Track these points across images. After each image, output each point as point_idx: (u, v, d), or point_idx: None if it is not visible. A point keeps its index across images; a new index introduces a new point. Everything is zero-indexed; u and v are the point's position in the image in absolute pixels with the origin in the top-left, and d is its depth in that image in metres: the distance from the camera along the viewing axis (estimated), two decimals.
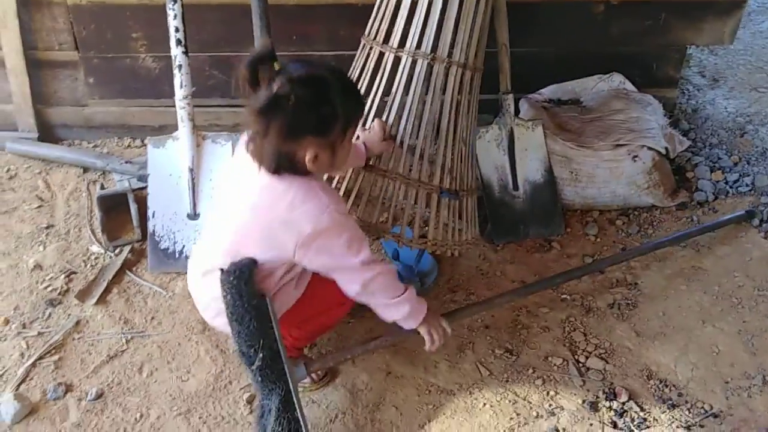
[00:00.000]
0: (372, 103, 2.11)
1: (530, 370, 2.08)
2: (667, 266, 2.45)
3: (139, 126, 3.00)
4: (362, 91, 2.09)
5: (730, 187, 2.79)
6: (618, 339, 2.18)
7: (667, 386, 2.05)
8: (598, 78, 2.94)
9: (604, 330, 2.22)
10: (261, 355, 1.67)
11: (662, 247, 2.45)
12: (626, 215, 2.68)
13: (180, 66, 2.35)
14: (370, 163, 2.05)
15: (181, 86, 2.36)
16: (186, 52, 2.35)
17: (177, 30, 2.33)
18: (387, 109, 2.09)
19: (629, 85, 2.92)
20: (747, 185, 2.78)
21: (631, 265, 2.45)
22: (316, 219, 1.59)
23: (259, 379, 1.70)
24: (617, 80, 2.93)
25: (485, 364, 2.10)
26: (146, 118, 2.99)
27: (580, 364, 2.11)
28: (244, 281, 1.64)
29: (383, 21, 2.13)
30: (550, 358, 2.12)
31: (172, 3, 2.31)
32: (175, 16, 2.32)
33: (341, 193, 2.06)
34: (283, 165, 1.58)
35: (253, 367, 1.69)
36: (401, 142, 2.06)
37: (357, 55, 2.22)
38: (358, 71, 2.18)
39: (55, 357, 2.09)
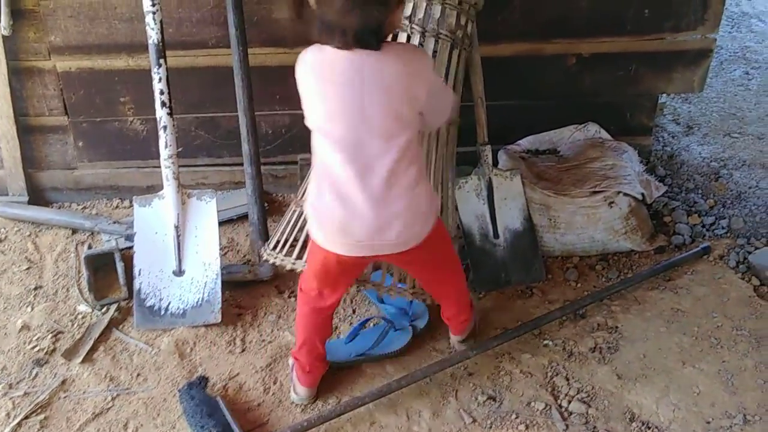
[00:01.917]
0: None
1: (513, 416, 2.10)
2: (647, 309, 2.48)
3: (127, 187, 3.07)
4: None
5: (707, 230, 2.84)
6: (600, 382, 2.21)
7: (649, 428, 2.07)
8: (574, 128, 3.02)
9: (586, 374, 2.24)
10: None
11: (631, 285, 2.53)
12: (606, 260, 2.72)
13: (165, 127, 2.42)
14: None
15: (166, 146, 2.43)
16: (171, 114, 2.43)
17: (162, 92, 2.41)
18: None
19: (605, 134, 2.99)
20: (723, 228, 2.84)
21: (611, 309, 2.49)
22: (420, 56, 1.79)
23: None
24: (593, 129, 3.01)
25: (469, 411, 2.12)
26: (135, 179, 3.05)
27: (563, 409, 2.13)
28: (203, 388, 2.11)
29: None
30: (532, 404, 2.14)
31: (157, 67, 2.39)
32: (160, 79, 2.40)
33: None
34: (380, 37, 1.67)
35: None
36: None
37: None
38: None
39: (41, 416, 2.10)
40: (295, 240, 2.27)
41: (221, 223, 2.67)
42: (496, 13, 2.74)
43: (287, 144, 3.01)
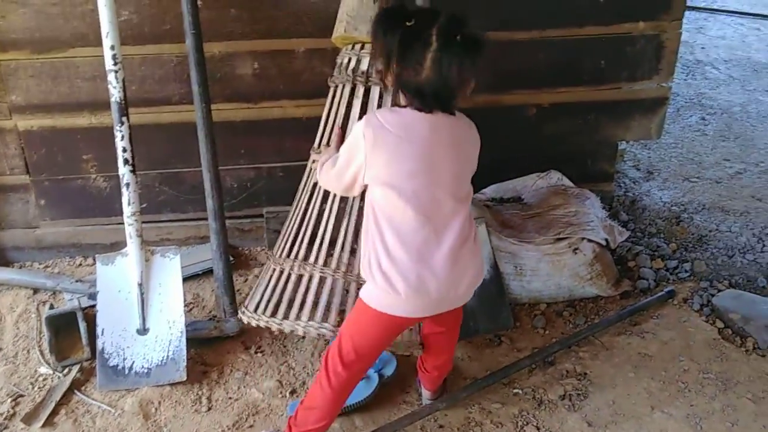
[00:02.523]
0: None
1: None
2: (615, 354, 2.49)
3: (91, 244, 3.03)
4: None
5: (671, 274, 2.88)
6: (570, 430, 2.20)
7: None
8: (536, 176, 3.07)
9: (557, 422, 2.23)
10: None
11: (598, 331, 2.55)
12: (573, 306, 2.73)
13: (128, 184, 2.41)
14: None
15: (129, 203, 2.42)
16: (134, 171, 2.42)
17: (125, 150, 2.40)
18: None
19: (567, 181, 3.04)
20: (686, 271, 2.88)
21: (580, 356, 2.49)
22: (473, 124, 1.89)
23: None
24: (555, 177, 3.06)
25: None
26: (98, 237, 3.02)
27: None
28: None
29: None
30: None
31: (120, 125, 2.39)
32: (123, 137, 2.39)
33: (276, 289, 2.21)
34: (456, 101, 1.78)
35: None
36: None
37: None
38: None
39: None
40: (279, 301, 2.20)
41: (186, 279, 2.65)
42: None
43: (252, 197, 3.01)
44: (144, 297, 2.44)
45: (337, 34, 2.25)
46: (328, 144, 2.21)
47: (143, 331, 2.42)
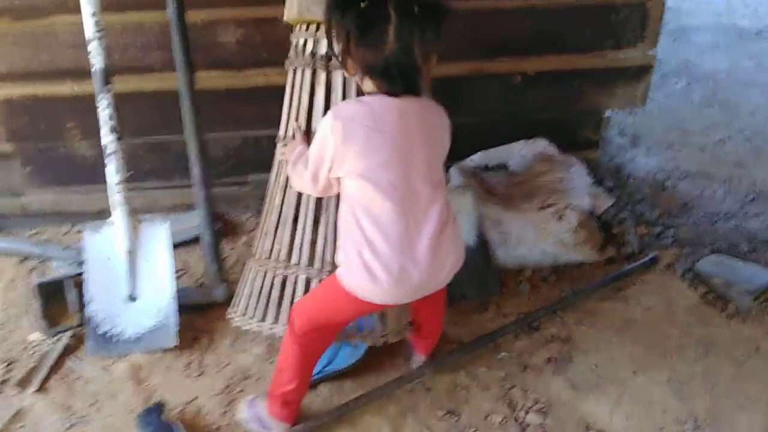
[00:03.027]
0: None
1: (472, 430, 2.12)
2: (599, 320, 2.53)
3: (76, 212, 3.03)
4: None
5: (655, 240, 2.92)
6: (555, 393, 2.24)
7: None
8: (523, 143, 3.08)
9: (542, 385, 2.27)
10: None
11: (582, 296, 2.59)
12: (558, 272, 2.77)
13: (113, 153, 2.40)
14: None
15: (115, 172, 2.41)
16: (119, 139, 2.41)
17: (110, 118, 2.39)
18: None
19: (553, 149, 3.06)
20: (670, 237, 2.92)
21: (564, 321, 2.53)
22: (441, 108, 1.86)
23: None
24: (541, 144, 3.07)
25: (428, 426, 2.13)
26: (84, 204, 3.02)
27: (520, 420, 2.15)
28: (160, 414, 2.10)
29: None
30: (490, 417, 2.16)
31: (103, 94, 2.37)
32: (107, 104, 2.38)
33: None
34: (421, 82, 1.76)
35: None
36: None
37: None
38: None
39: None
40: (267, 304, 2.22)
41: (174, 247, 2.65)
42: (441, 33, 2.79)
43: (239, 165, 3.01)
44: (133, 264, 2.45)
45: (290, 16, 2.15)
46: (293, 136, 2.16)
47: (133, 298, 2.43)
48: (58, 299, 2.53)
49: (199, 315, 2.55)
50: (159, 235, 2.50)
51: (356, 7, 1.66)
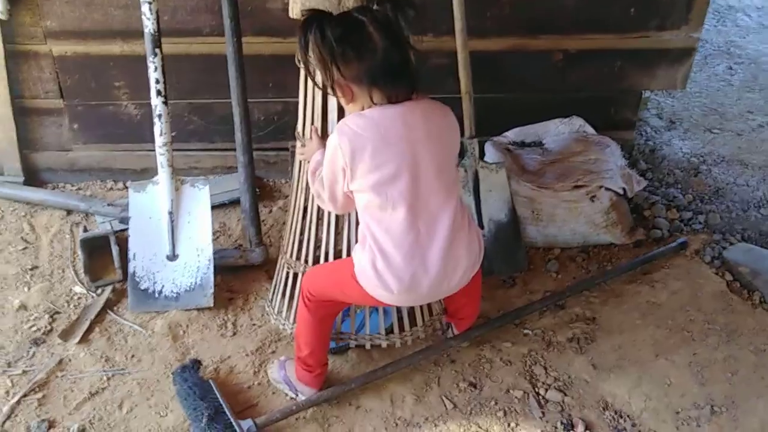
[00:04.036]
0: None
1: (493, 403, 2.19)
2: (624, 302, 2.58)
3: (121, 169, 3.13)
4: None
5: (685, 225, 2.94)
6: (576, 372, 2.30)
7: (621, 417, 2.16)
8: (559, 121, 3.10)
9: (563, 363, 2.33)
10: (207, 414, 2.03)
11: (610, 278, 2.64)
12: (586, 252, 2.81)
13: (160, 115, 2.47)
14: None
15: (161, 134, 2.49)
16: (166, 102, 2.47)
17: (157, 81, 2.45)
18: None
19: (589, 128, 3.07)
20: (700, 223, 2.94)
21: (590, 301, 2.58)
22: (445, 107, 1.84)
23: None
24: (577, 123, 3.08)
25: (450, 397, 2.21)
26: (128, 162, 3.11)
27: (540, 397, 2.22)
28: (195, 371, 2.20)
29: None
30: (511, 391, 2.23)
31: (153, 56, 2.43)
32: (156, 68, 2.44)
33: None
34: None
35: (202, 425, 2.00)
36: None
37: None
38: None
39: (39, 395, 2.17)
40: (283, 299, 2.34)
41: (213, 208, 2.73)
42: (485, 8, 2.81)
43: (279, 131, 3.07)
44: (174, 225, 2.54)
45: (295, 12, 2.02)
46: (311, 136, 2.11)
47: (173, 257, 2.53)
48: (102, 254, 2.64)
49: (235, 276, 2.64)
50: (199, 197, 2.58)
51: (331, 20, 1.67)
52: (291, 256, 2.29)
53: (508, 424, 2.13)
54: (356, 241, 1.95)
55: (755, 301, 2.57)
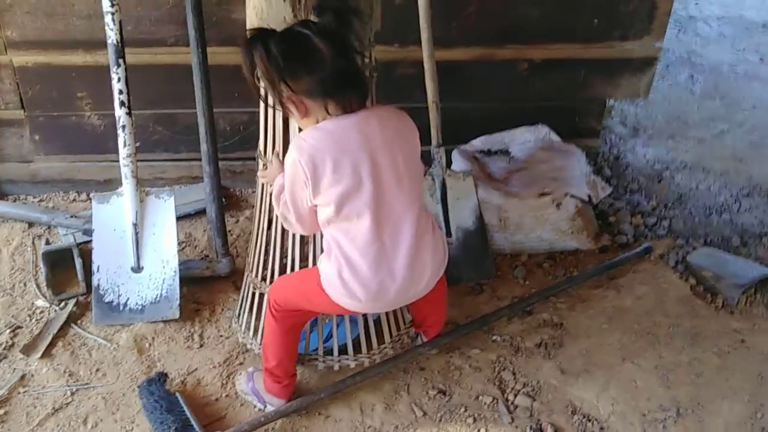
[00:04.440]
0: None
1: (462, 409, 2.19)
2: (591, 306, 2.60)
3: (84, 180, 3.09)
4: None
5: (649, 230, 2.98)
6: (545, 377, 2.31)
7: (590, 421, 2.17)
8: (525, 129, 3.13)
9: (532, 369, 2.34)
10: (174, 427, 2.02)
11: (576, 283, 2.66)
12: (553, 258, 2.84)
13: (124, 126, 2.44)
14: None
15: (125, 145, 2.46)
16: (129, 113, 2.45)
17: (121, 92, 2.42)
18: None
19: (554, 136, 3.10)
20: (664, 228, 2.98)
21: (557, 306, 2.60)
22: (398, 110, 1.84)
23: None
24: (543, 131, 3.12)
25: (420, 404, 2.21)
26: (91, 173, 3.07)
27: (509, 402, 2.22)
28: (162, 384, 2.19)
29: None
30: (480, 397, 2.24)
31: (116, 67, 2.40)
32: (119, 79, 2.41)
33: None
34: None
35: None
36: None
37: None
38: None
39: (1, 411, 2.13)
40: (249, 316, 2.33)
41: (179, 218, 2.71)
42: (451, 19, 2.83)
43: (245, 140, 3.06)
44: (138, 236, 2.51)
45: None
46: (272, 160, 2.08)
47: (138, 269, 2.49)
48: (65, 267, 2.60)
49: (202, 287, 2.61)
50: (165, 208, 2.56)
51: (274, 36, 1.65)
52: (256, 276, 2.27)
53: (478, 431, 2.12)
54: (322, 251, 1.93)
55: (718, 305, 2.60)
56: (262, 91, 1.76)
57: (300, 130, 1.86)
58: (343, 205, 1.72)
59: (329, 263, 1.81)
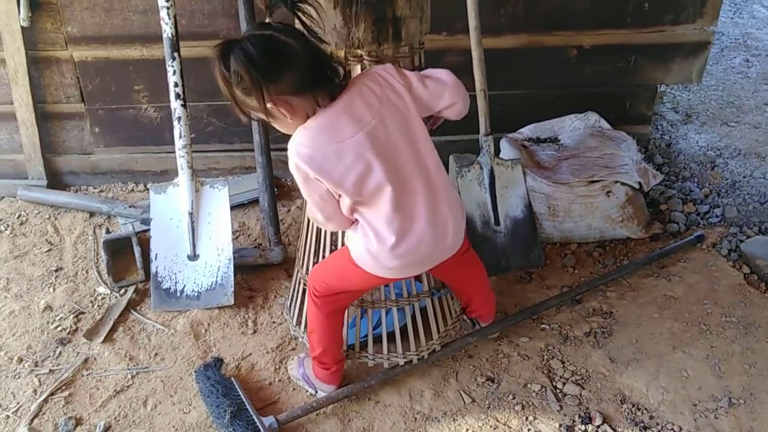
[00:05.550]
0: None
1: (510, 397, 2.22)
2: (641, 295, 2.59)
3: (142, 171, 3.18)
4: None
5: (702, 218, 2.95)
6: (593, 365, 2.32)
7: (639, 410, 2.17)
8: (574, 117, 3.11)
9: (581, 357, 2.35)
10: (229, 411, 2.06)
11: (626, 272, 2.65)
12: (603, 247, 2.82)
13: (179, 118, 2.51)
14: None
15: (181, 136, 2.53)
16: (185, 105, 2.52)
17: (176, 85, 2.49)
18: None
19: (604, 123, 3.08)
20: (717, 216, 2.94)
21: (606, 295, 2.59)
22: (375, 71, 1.82)
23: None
24: (593, 119, 3.10)
25: (468, 391, 2.23)
26: (149, 164, 3.16)
27: (558, 390, 2.24)
28: (218, 369, 2.25)
29: None
30: (529, 385, 2.25)
31: (172, 60, 2.48)
32: (175, 72, 2.48)
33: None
34: None
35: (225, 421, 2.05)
36: None
37: None
38: None
39: (66, 393, 2.23)
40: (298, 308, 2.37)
41: (232, 208, 2.78)
42: (499, 6, 2.83)
43: None
44: (194, 225, 2.58)
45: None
46: None
47: (194, 257, 2.57)
48: (124, 255, 2.69)
49: (255, 275, 2.68)
50: (219, 198, 2.62)
51: (246, 42, 1.62)
52: (306, 272, 2.31)
53: (526, 418, 2.15)
54: None
55: None
56: (241, 104, 1.72)
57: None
58: (361, 189, 1.73)
59: (357, 238, 1.85)
